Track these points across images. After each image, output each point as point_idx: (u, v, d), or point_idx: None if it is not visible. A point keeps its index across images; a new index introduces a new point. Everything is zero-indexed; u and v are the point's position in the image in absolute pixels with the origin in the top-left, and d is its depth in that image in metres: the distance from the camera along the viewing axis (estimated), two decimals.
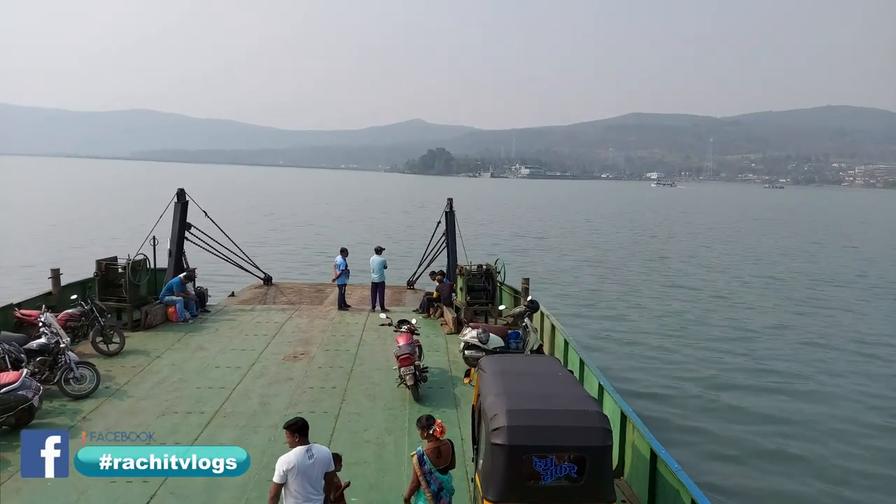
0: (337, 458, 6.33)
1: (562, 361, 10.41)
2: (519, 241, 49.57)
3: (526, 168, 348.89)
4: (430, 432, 6.39)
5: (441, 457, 6.35)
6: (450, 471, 6.43)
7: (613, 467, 7.46)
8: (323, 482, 5.99)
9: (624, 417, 8.37)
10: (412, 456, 6.37)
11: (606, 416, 6.15)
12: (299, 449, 5.92)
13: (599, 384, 9.43)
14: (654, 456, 7.31)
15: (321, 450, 6.07)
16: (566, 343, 11.89)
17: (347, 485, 6.57)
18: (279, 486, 5.81)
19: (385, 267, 17.61)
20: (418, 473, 6.23)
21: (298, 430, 5.95)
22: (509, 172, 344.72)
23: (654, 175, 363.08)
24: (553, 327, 13.18)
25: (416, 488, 6.30)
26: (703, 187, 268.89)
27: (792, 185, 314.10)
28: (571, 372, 8.04)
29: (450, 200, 19.31)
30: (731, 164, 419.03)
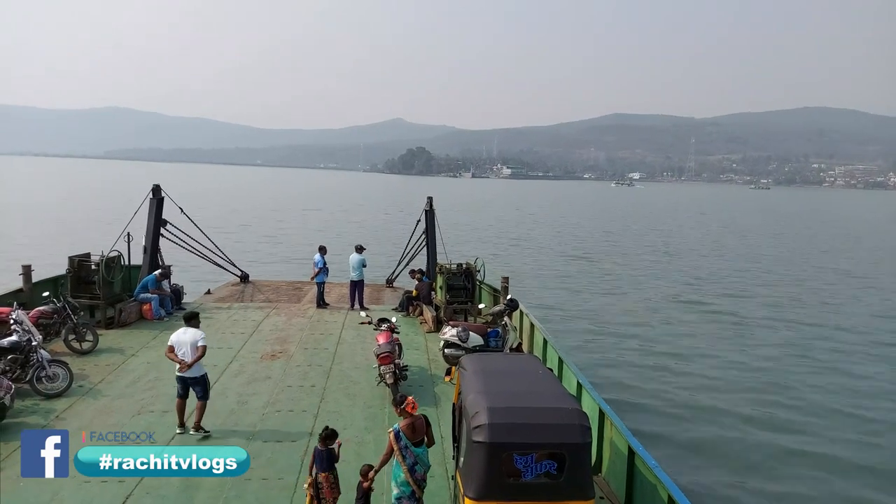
0: (332, 437, 6.74)
1: (541, 359, 10.48)
2: (496, 240, 49.91)
3: (508, 168, 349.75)
4: (403, 407, 6.76)
5: (416, 431, 6.67)
6: (423, 446, 6.75)
7: (592, 464, 7.54)
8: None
9: (602, 415, 8.46)
10: (389, 433, 6.65)
11: (586, 414, 6.22)
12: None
13: (578, 382, 9.52)
14: (631, 453, 7.41)
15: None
16: (545, 341, 11.98)
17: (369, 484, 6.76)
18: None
19: (364, 265, 17.54)
20: (395, 448, 6.51)
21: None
22: (491, 173, 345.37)
23: (636, 175, 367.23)
24: (532, 326, 13.26)
25: (385, 461, 6.64)
26: (683, 188, 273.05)
27: (776, 186, 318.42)
28: (551, 370, 8.11)
29: (430, 199, 19.29)
30: (713, 165, 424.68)
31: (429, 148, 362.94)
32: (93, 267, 14.58)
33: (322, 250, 17.66)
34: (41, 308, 13.04)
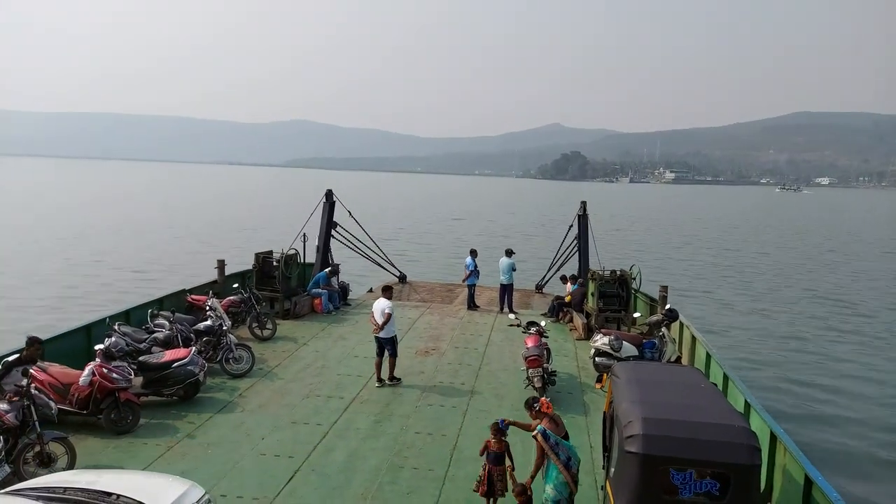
0: (502, 433, 6.97)
1: (704, 374, 9.75)
2: (654, 247, 47.33)
3: (671, 172, 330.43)
4: (538, 409, 6.72)
5: (559, 426, 6.63)
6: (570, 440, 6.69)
7: (761, 490, 6.85)
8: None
9: (774, 437, 7.65)
10: (534, 436, 6.49)
11: (754, 433, 5.68)
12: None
13: (746, 400, 8.72)
14: (808, 482, 6.60)
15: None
16: (708, 355, 11.13)
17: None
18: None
19: (514, 269, 17.58)
20: (546, 448, 6.37)
21: None
22: (651, 177, 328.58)
23: (825, 180, 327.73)
24: (693, 338, 12.39)
25: (540, 465, 6.46)
26: (882, 194, 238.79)
27: None
28: (714, 385, 7.50)
29: (583, 203, 18.88)
30: None
31: (586, 152, 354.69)
32: (274, 263, 16.19)
33: (473, 253, 17.99)
34: (231, 298, 14.76)
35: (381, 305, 11.19)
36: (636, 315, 14.53)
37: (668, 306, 13.20)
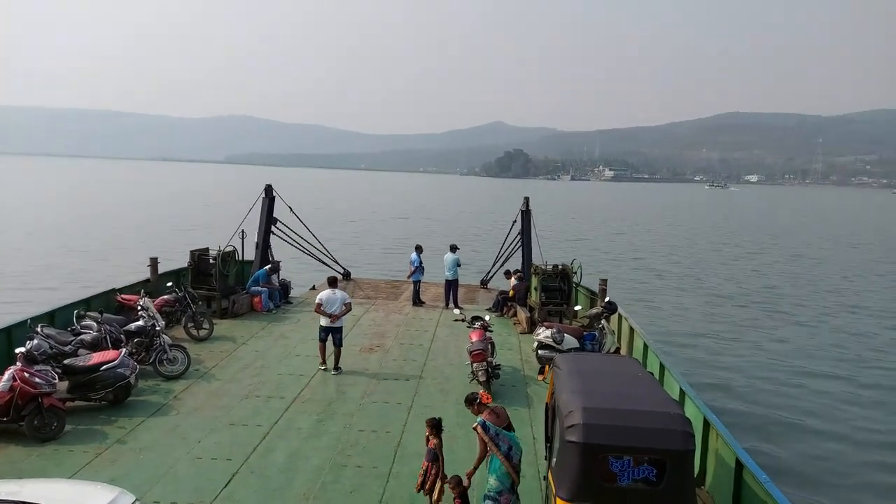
0: (438, 430, 6.84)
1: (641, 364, 10.04)
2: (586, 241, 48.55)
3: (610, 170, 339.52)
4: (477, 402, 6.75)
5: (500, 417, 6.60)
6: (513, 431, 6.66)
7: (695, 475, 7.09)
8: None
9: (707, 424, 7.94)
10: (474, 428, 6.49)
11: (689, 420, 5.86)
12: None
13: (681, 388, 9.02)
14: (739, 465, 6.88)
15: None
16: (645, 346, 11.47)
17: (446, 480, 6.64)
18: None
19: (459, 265, 17.64)
20: (486, 440, 6.36)
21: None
22: (592, 175, 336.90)
23: (753, 178, 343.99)
24: (632, 329, 12.74)
25: (482, 458, 6.46)
26: (805, 191, 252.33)
27: None
28: (651, 374, 7.72)
29: (526, 199, 19.14)
30: (843, 167, 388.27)
31: (528, 150, 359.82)
32: (211, 261, 15.66)
33: (418, 249, 17.95)
34: (165, 297, 14.19)
35: (339, 296, 11.74)
36: (577, 308, 14.84)
37: (607, 299, 13.53)
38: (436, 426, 6.95)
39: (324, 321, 11.61)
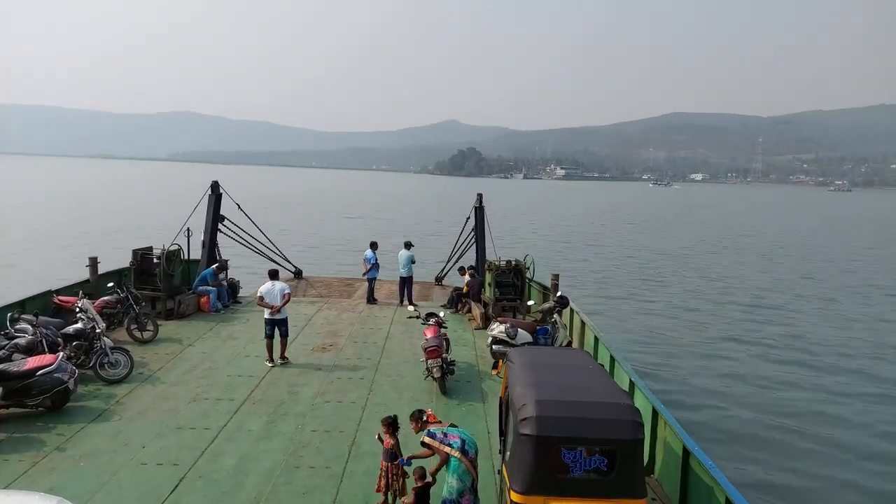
0: (393, 428, 6.91)
1: (592, 356, 10.22)
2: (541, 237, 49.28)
3: (561, 169, 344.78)
4: (425, 420, 6.72)
5: (442, 423, 6.66)
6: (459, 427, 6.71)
7: (645, 464, 7.26)
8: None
9: (656, 413, 8.14)
10: (422, 443, 6.46)
11: (638, 410, 5.97)
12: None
13: (630, 380, 9.22)
14: (686, 453, 7.08)
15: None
16: (596, 339, 11.69)
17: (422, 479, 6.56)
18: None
19: (413, 262, 17.57)
20: (437, 445, 6.34)
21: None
22: (543, 174, 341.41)
23: (698, 176, 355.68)
24: (583, 323, 12.96)
25: (444, 462, 6.38)
26: (747, 189, 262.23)
27: (860, 189, 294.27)
28: (602, 365, 7.86)
29: (479, 196, 19.21)
30: (782, 166, 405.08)
31: (482, 149, 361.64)
32: (155, 260, 15.12)
33: (373, 246, 17.79)
34: (106, 298, 13.63)
35: (279, 287, 12.10)
36: (530, 303, 14.99)
37: (559, 293, 13.73)
38: (391, 424, 6.92)
39: (267, 313, 11.91)
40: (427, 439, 6.39)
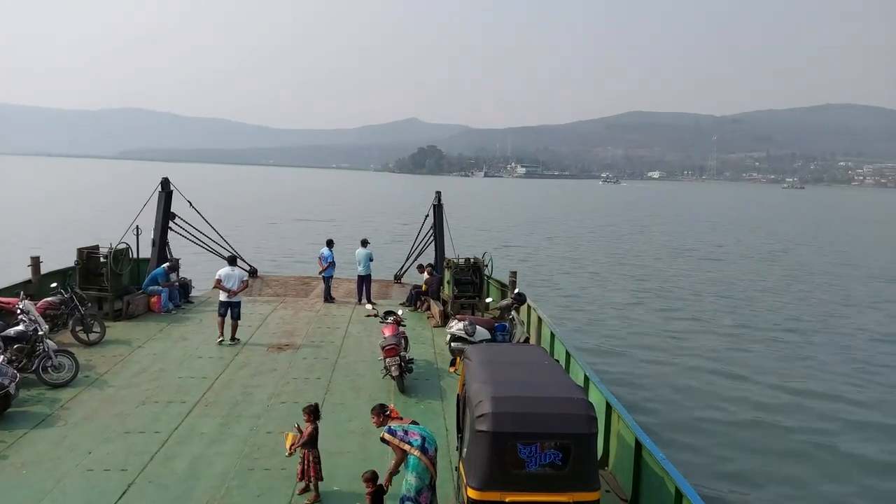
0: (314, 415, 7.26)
1: (548, 352, 10.35)
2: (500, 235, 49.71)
3: (522, 167, 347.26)
4: (388, 415, 6.71)
5: (404, 419, 6.70)
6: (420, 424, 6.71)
7: (598, 457, 7.39)
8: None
9: (609, 407, 8.29)
10: (382, 438, 6.43)
11: (592, 404, 6.07)
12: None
13: (585, 375, 9.37)
14: (639, 446, 7.24)
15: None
16: (552, 335, 11.84)
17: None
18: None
19: (371, 259, 17.46)
20: (396, 443, 6.31)
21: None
22: (504, 172, 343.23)
23: (655, 174, 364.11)
24: (540, 320, 13.12)
25: (400, 461, 6.34)
26: (702, 186, 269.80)
27: (811, 185, 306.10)
28: (557, 361, 7.96)
29: (438, 193, 19.21)
30: (735, 163, 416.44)
31: (442, 147, 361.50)
32: (101, 259, 14.61)
33: (330, 244, 17.59)
34: (49, 299, 13.07)
35: (238, 273, 13.19)
36: (488, 300, 15.09)
37: (516, 290, 13.86)
38: (313, 412, 7.22)
39: (223, 296, 12.78)
40: (387, 436, 6.36)
